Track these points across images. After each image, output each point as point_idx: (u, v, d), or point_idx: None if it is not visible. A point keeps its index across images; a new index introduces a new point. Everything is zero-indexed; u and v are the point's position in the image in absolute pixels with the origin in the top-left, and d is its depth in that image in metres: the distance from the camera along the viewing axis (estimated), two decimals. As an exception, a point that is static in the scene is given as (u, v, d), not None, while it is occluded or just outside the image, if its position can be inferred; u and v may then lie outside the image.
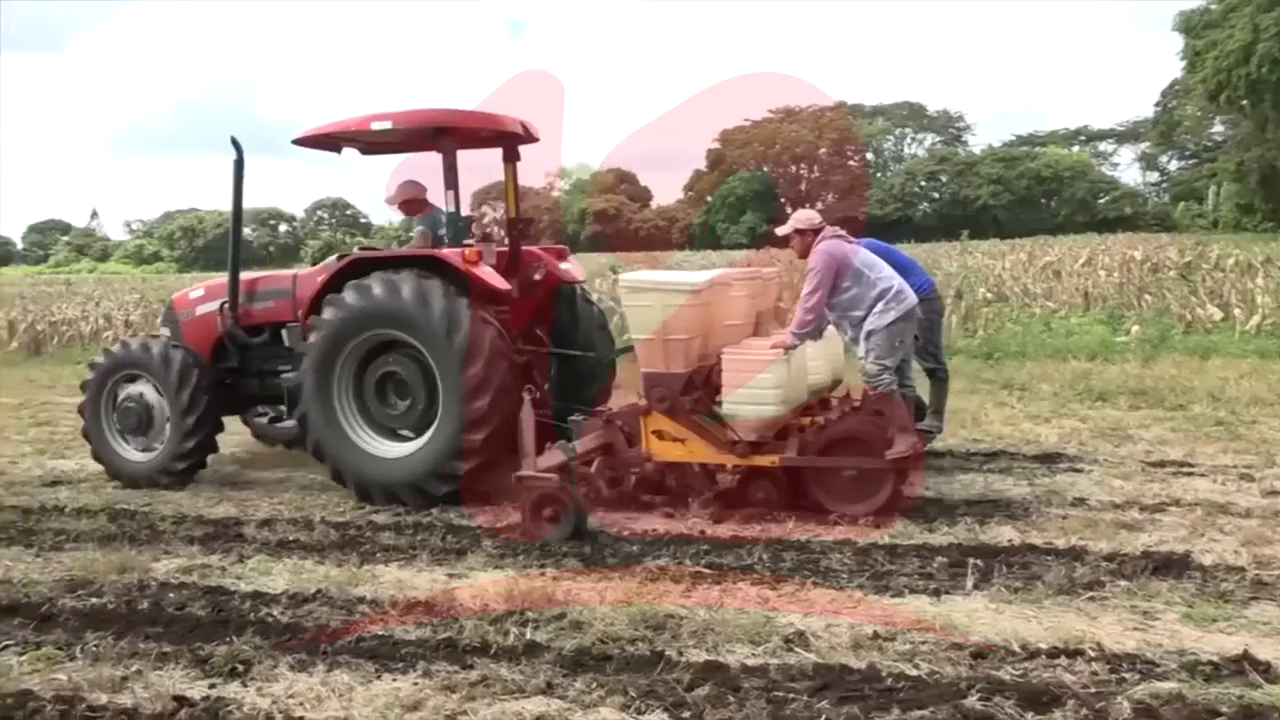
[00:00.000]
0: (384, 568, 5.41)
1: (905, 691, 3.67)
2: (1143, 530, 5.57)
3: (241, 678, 4.04)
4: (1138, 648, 3.99)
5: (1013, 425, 8.62)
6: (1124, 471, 6.89)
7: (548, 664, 4.03)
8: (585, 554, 5.48)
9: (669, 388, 6.07)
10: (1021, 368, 11.84)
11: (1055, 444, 7.86)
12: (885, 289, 6.07)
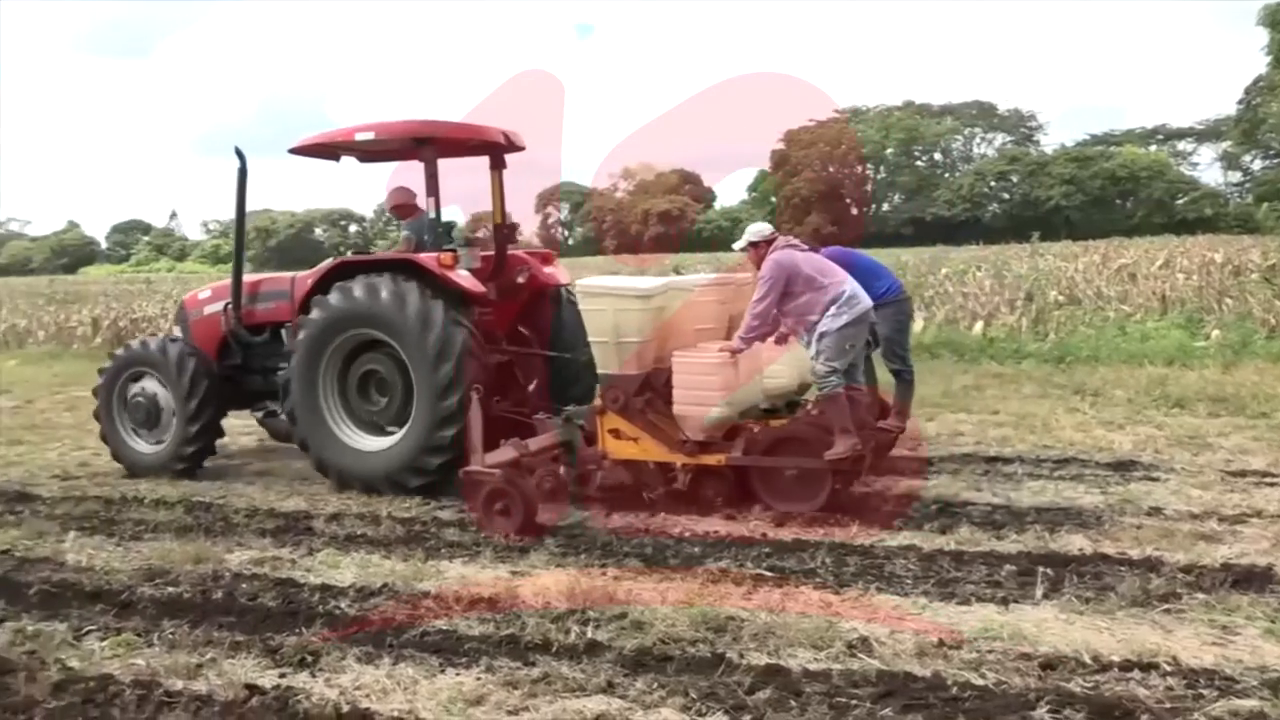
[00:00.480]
0: (448, 563, 5.49)
1: (971, 701, 3.60)
2: (1222, 542, 5.38)
3: (310, 668, 4.14)
4: (1216, 663, 3.86)
5: (1085, 432, 8.40)
6: (1202, 481, 6.67)
7: (608, 663, 4.05)
8: (647, 554, 5.50)
9: (623, 389, 6.32)
10: (1094, 372, 11.54)
11: (1129, 451, 7.65)
12: (838, 294, 6.18)
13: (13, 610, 4.92)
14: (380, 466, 7.03)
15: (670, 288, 6.61)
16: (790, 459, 6.12)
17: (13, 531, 6.40)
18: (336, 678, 4.03)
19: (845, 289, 6.21)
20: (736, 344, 6.28)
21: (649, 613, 4.55)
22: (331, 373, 7.26)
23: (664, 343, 6.43)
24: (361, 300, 6.96)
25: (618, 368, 6.36)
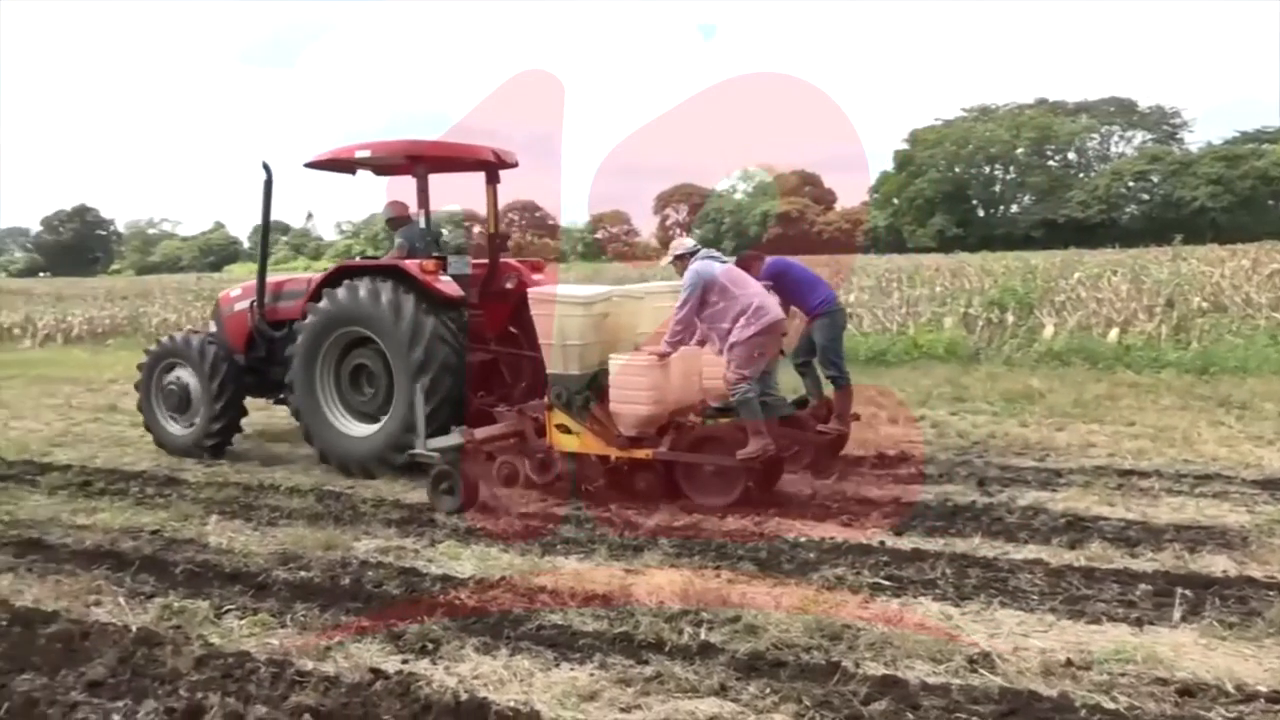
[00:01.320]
0: (564, 559, 5.57)
1: (1101, 725, 3.45)
2: (1385, 569, 5.00)
3: (431, 655, 4.27)
4: (1376, 699, 3.59)
5: (1230, 447, 7.92)
6: (1363, 503, 6.21)
7: (722, 665, 4.04)
8: (761, 558, 5.46)
9: (566, 387, 6.81)
10: (1242, 384, 10.87)
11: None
12: (747, 305, 6.51)
13: (161, 587, 5.24)
14: (370, 449, 7.79)
15: (611, 295, 7.09)
16: (708, 456, 6.58)
17: (162, 513, 6.82)
18: (456, 666, 4.14)
19: (754, 301, 6.56)
20: (663, 348, 6.66)
21: (763, 617, 4.52)
22: (328, 367, 8.08)
23: (609, 346, 6.87)
24: (350, 301, 7.74)
25: (563, 368, 6.83)
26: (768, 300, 6.71)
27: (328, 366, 8.08)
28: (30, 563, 5.73)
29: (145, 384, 9.16)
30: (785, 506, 6.52)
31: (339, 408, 8.12)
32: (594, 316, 6.83)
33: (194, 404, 8.89)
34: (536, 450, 7.07)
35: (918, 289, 20.57)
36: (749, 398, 6.43)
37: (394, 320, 7.50)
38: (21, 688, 3.98)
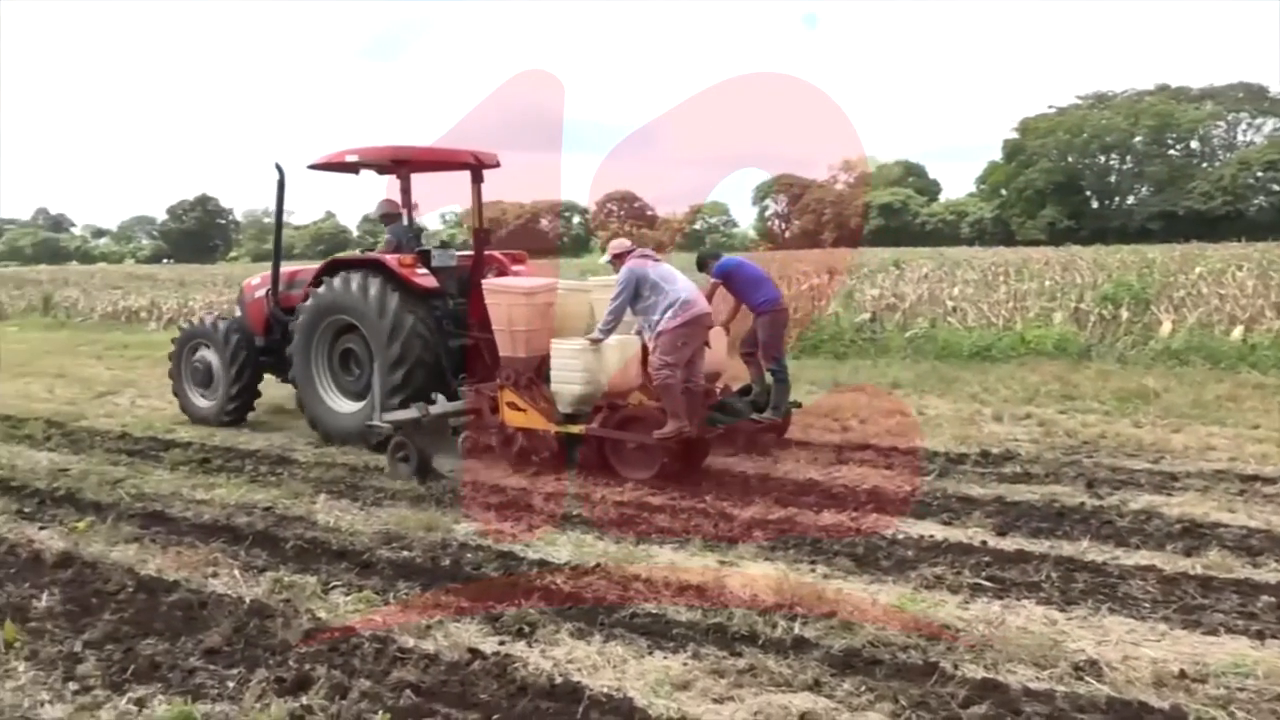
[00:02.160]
0: (658, 549, 5.60)
1: (1216, 741, 3.30)
2: None
3: (527, 638, 4.34)
4: None
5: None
6: None
7: (816, 661, 4.00)
8: (858, 554, 5.38)
9: (514, 369, 7.56)
10: (1380, 388, 10.20)
11: None
12: (674, 299, 7.07)
13: (272, 561, 5.47)
14: (354, 425, 8.59)
15: (555, 287, 7.91)
16: (631, 434, 7.17)
17: (274, 491, 7.11)
18: (551, 650, 4.21)
19: (681, 296, 7.12)
20: (597, 335, 7.31)
21: (859, 613, 4.47)
22: (321, 350, 8.97)
23: (552, 333, 7.60)
24: (338, 291, 8.58)
25: (511, 352, 7.62)
26: (694, 296, 7.23)
27: (321, 350, 8.98)
28: (154, 534, 6.04)
29: (176, 361, 10.31)
30: (882, 503, 6.42)
31: (331, 386, 9.02)
32: (537, 305, 7.62)
33: (215, 380, 9.94)
34: (490, 425, 7.75)
35: (1026, 283, 19.92)
36: (670, 384, 6.95)
37: (378, 314, 8.30)
38: (145, 651, 4.21)
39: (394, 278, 8.42)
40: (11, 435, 9.55)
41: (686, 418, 6.94)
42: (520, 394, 7.53)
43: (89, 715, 3.69)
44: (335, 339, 8.94)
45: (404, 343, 8.22)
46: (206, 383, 10.04)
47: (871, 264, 31.89)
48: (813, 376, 11.94)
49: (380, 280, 8.40)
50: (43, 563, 5.48)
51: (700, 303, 7.21)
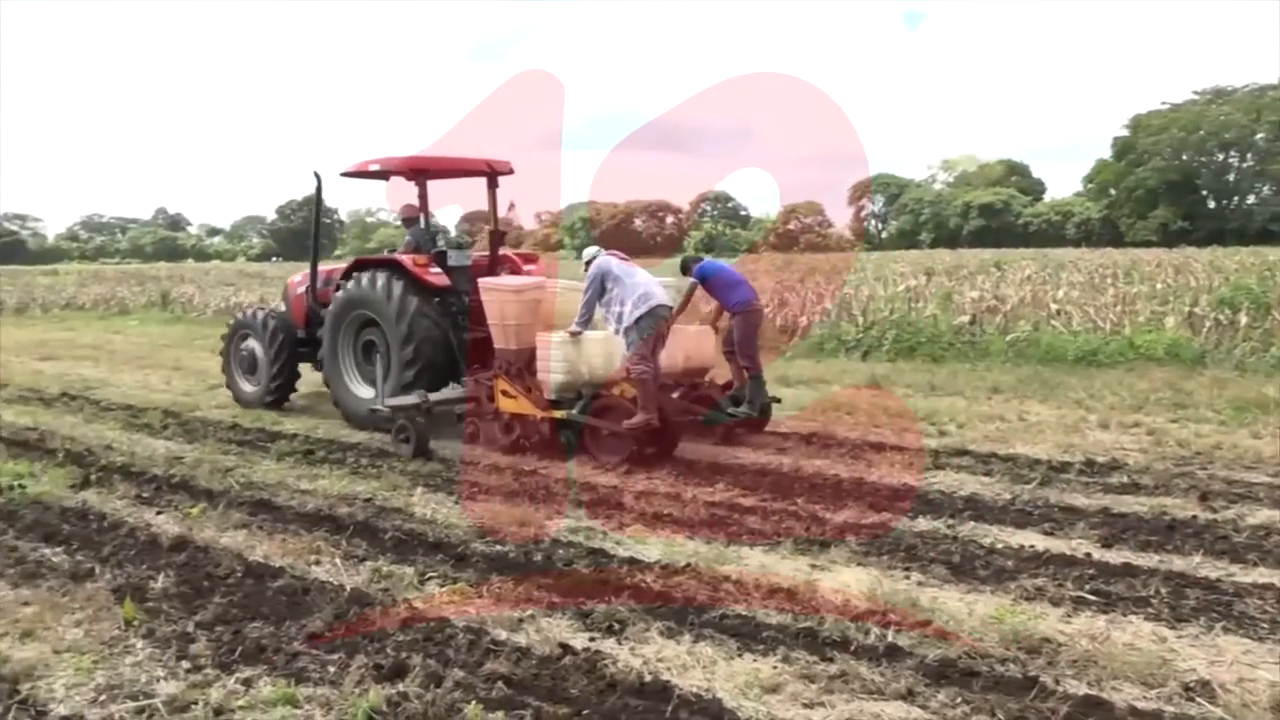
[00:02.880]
0: (749, 550, 5.57)
1: (1341, 772, 3.12)
2: None
3: (617, 635, 4.37)
4: None
5: None
6: None
7: (909, 670, 3.93)
8: (954, 562, 5.26)
9: (506, 360, 8.31)
10: None
11: None
12: (634, 291, 7.74)
13: (372, 551, 5.63)
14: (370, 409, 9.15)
15: (543, 285, 8.58)
16: (604, 422, 7.75)
17: (374, 483, 7.31)
18: (641, 648, 4.23)
19: (641, 290, 7.75)
20: (574, 328, 7.96)
21: (954, 624, 4.36)
22: (347, 341, 9.78)
23: (541, 327, 8.23)
24: (362, 289, 9.35)
25: (504, 344, 8.33)
26: (653, 289, 7.84)
27: (346, 341, 9.80)
28: (261, 521, 6.28)
29: (225, 350, 11.25)
30: (979, 510, 6.26)
31: (354, 374, 9.84)
32: (526, 302, 8.32)
33: (259, 367, 10.82)
34: (487, 411, 8.46)
35: (1135, 285, 19.13)
36: (645, 378, 7.59)
37: (396, 315, 9.03)
38: (252, 634, 4.38)
39: (409, 276, 9.16)
40: (131, 424, 10.05)
41: (654, 409, 7.58)
42: (512, 382, 8.29)
43: (200, 693, 3.86)
44: (359, 332, 9.74)
45: (416, 335, 8.97)
46: (251, 369, 10.95)
47: (971, 265, 31.12)
48: (909, 380, 11.72)
49: (396, 279, 9.15)
50: (159, 545, 5.75)
51: (658, 295, 7.81)
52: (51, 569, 5.38)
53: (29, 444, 8.98)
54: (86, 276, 46.76)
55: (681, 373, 8.71)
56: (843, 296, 16.99)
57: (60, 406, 11.31)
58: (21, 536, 6.02)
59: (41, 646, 4.34)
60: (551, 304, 8.40)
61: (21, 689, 3.92)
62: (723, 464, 7.66)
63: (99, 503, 6.82)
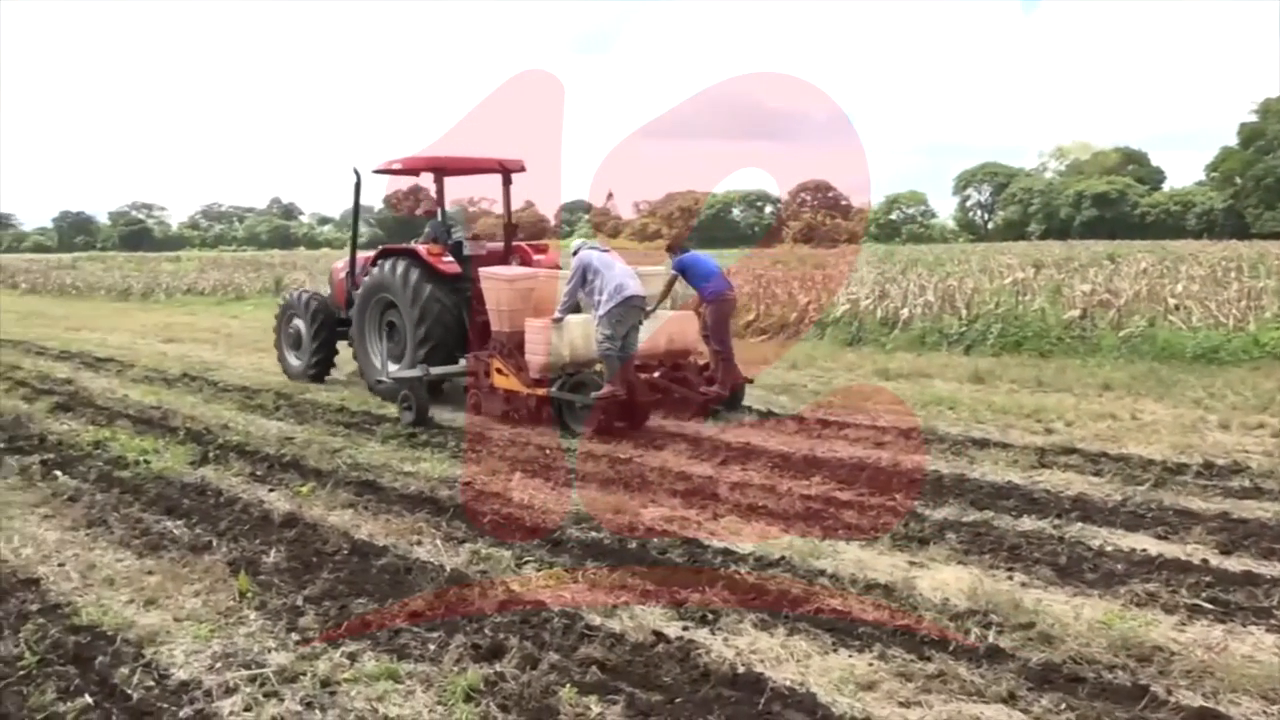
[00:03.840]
0: (845, 545, 5.50)
1: None
2: None
3: (710, 625, 4.37)
4: None
5: None
6: None
7: (1011, 673, 3.82)
8: (1060, 564, 5.09)
9: (500, 341, 9.28)
10: None
11: None
12: (612, 285, 8.46)
13: (471, 534, 5.76)
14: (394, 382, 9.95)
15: (537, 275, 9.58)
16: (579, 396, 8.65)
17: (474, 467, 7.47)
18: (734, 639, 4.22)
19: (616, 282, 8.47)
20: (556, 314, 8.84)
21: (1059, 627, 4.23)
22: (372, 321, 10.87)
23: (537, 313, 9.07)
24: (383, 274, 10.46)
25: (498, 327, 9.29)
26: (629, 281, 8.55)
27: (372, 321, 10.88)
28: (366, 502, 6.49)
29: (277, 329, 12.58)
30: (1088, 511, 6.04)
31: (379, 351, 10.88)
32: (518, 290, 9.25)
33: (303, 344, 12.05)
34: (484, 386, 9.47)
35: (1262, 280, 18.13)
36: (609, 354, 8.46)
37: (411, 299, 10.05)
38: (357, 610, 4.53)
39: (424, 264, 10.18)
40: (247, 404, 10.50)
41: (620, 383, 8.41)
42: (504, 362, 9.23)
43: (308, 664, 4.01)
44: (383, 313, 10.78)
45: (428, 317, 10.00)
46: (297, 345, 12.26)
47: (1082, 257, 30.00)
48: (1014, 375, 11.38)
49: (413, 266, 10.20)
50: (271, 522, 6.00)
51: (633, 287, 8.53)
52: (173, 541, 5.67)
53: (153, 421, 9.46)
54: (206, 263, 48.91)
55: (664, 354, 9.68)
56: (946, 289, 16.56)
57: (181, 387, 11.89)
58: (146, 509, 6.36)
59: (163, 614, 4.59)
60: (543, 292, 9.27)
61: (145, 653, 4.14)
62: (819, 457, 7.58)
63: (216, 479, 7.15)
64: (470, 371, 9.70)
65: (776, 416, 9.25)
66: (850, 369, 12.50)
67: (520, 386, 9.08)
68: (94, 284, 36.10)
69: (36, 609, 4.64)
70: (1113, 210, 79.84)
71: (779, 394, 10.60)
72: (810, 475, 7.01)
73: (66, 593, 4.87)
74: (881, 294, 16.86)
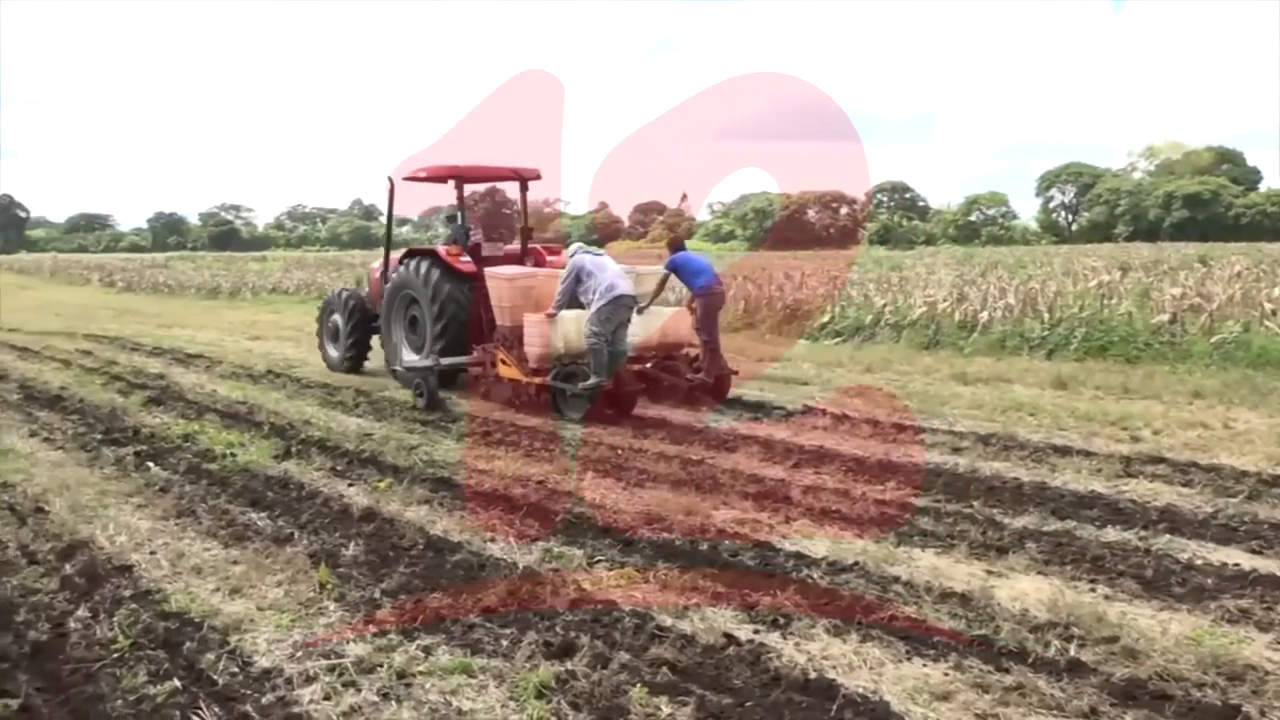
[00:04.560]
0: (920, 552, 5.40)
1: None
2: None
3: (782, 630, 4.34)
4: None
5: None
6: None
7: (1093, 688, 3.72)
8: (1146, 576, 4.93)
9: (503, 334, 10.35)
10: None
11: None
12: (604, 285, 9.29)
13: (543, 532, 5.81)
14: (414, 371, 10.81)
15: (536, 274, 10.62)
16: (569, 385, 9.44)
17: (546, 466, 7.54)
18: (806, 644, 4.18)
19: (606, 281, 9.31)
20: (551, 310, 9.71)
21: (1145, 642, 4.10)
22: (398, 316, 11.91)
23: (531, 309, 10.03)
24: (407, 273, 11.52)
25: (501, 322, 10.41)
26: (619, 282, 9.36)
27: (398, 316, 11.92)
28: (441, 498, 6.60)
29: (319, 323, 13.72)
30: (1176, 523, 5.84)
31: (404, 342, 11.84)
32: (518, 288, 10.27)
33: (340, 337, 13.10)
34: (489, 375, 10.48)
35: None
36: (596, 347, 9.18)
37: (430, 295, 11.11)
38: (432, 604, 4.62)
39: (443, 264, 11.21)
40: (328, 401, 10.77)
41: (606, 374, 9.17)
42: (507, 353, 10.19)
43: (384, 656, 4.10)
44: (407, 308, 11.79)
45: (446, 312, 11.03)
46: (335, 338, 13.30)
47: (1172, 260, 28.99)
48: (1099, 381, 11.05)
49: (433, 266, 11.25)
50: (350, 516, 6.15)
51: (622, 287, 9.32)
52: (257, 532, 5.84)
53: (239, 416, 9.77)
54: (290, 263, 50.25)
55: (658, 346, 10.49)
56: (1027, 291, 16.16)
57: (266, 383, 12.26)
58: (232, 501, 6.58)
59: (247, 603, 4.73)
60: (542, 291, 10.16)
61: (230, 640, 4.28)
62: (894, 462, 7.46)
63: (298, 473, 7.35)
64: (479, 362, 10.69)
65: (850, 420, 9.14)
66: (927, 373, 12.28)
67: (521, 375, 10.03)
68: (184, 283, 37.39)
69: (129, 595, 4.83)
70: (1205, 211, 76.91)
71: (853, 397, 10.46)
72: (885, 480, 6.91)
73: (157, 580, 5.06)
74: (960, 296, 16.52)
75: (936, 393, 10.65)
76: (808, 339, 16.45)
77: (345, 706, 3.70)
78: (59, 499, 6.60)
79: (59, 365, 14.00)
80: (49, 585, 4.99)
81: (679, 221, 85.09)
